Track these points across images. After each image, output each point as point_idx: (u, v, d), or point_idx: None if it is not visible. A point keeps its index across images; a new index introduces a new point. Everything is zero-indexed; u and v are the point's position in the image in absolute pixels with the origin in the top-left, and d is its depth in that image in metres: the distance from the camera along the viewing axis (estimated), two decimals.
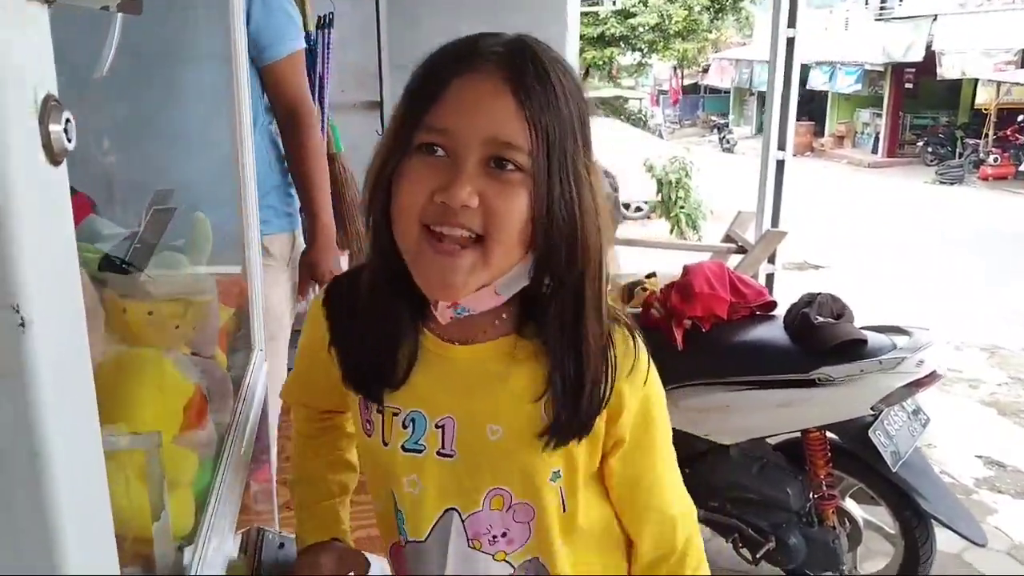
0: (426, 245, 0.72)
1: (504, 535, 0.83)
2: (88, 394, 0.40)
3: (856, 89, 20.90)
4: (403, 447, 0.82)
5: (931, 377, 2.01)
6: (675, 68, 25.92)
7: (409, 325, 0.80)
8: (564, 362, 0.76)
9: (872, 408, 2.02)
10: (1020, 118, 16.80)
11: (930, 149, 17.84)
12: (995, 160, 15.90)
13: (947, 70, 18.00)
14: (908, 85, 19.70)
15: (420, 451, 0.81)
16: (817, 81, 21.85)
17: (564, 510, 0.83)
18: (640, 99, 27.24)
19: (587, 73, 20.46)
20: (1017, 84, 15.89)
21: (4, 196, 0.33)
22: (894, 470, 2.02)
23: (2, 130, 0.33)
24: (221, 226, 1.07)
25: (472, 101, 0.71)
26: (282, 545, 0.96)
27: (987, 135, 16.74)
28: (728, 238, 3.77)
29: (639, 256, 5.34)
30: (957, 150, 17.11)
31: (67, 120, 0.36)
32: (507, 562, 0.84)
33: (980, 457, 3.50)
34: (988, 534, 2.56)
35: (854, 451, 2.10)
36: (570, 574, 0.84)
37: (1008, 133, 16.63)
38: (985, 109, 16.94)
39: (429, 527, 0.84)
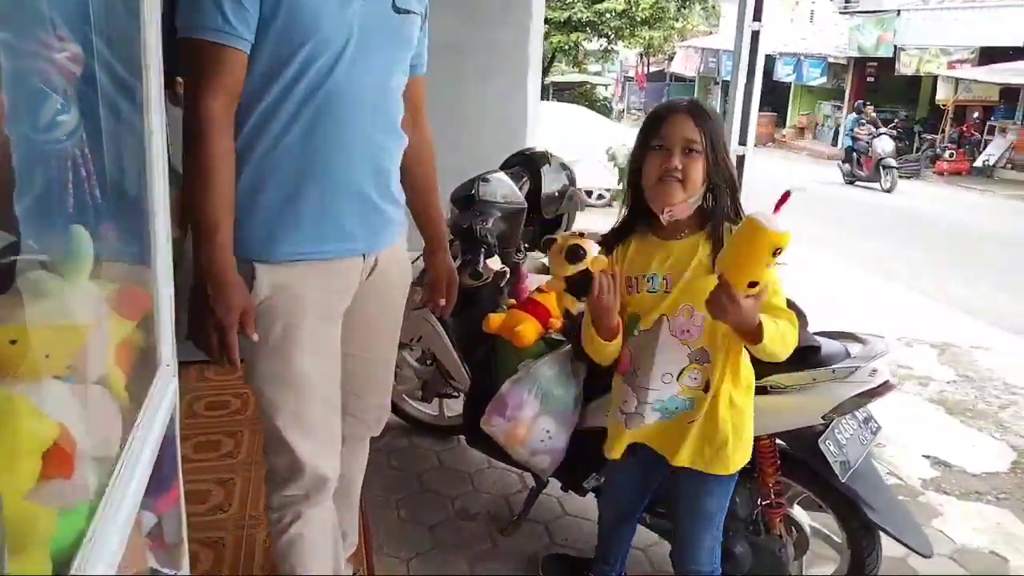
0: (659, 184, 1.61)
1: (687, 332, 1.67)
2: None
3: (821, 82, 21.08)
4: (647, 291, 1.68)
5: (884, 387, 1.97)
6: (641, 56, 25.91)
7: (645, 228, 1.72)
8: (714, 233, 1.64)
9: (823, 417, 1.99)
10: (976, 115, 17.10)
11: None
12: (951, 155, 16.18)
13: (904, 66, 18.23)
14: (870, 79, 19.91)
15: (655, 291, 1.67)
16: (782, 73, 22.00)
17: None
18: (607, 85, 27.18)
19: (553, 58, 20.28)
20: (976, 81, 16.13)
21: None
22: (843, 480, 1.99)
23: None
24: None
25: (675, 123, 1.61)
26: None
27: (944, 131, 17.02)
28: None
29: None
30: (915, 144, 17.35)
31: None
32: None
33: (927, 457, 3.51)
34: (932, 538, 2.56)
35: (803, 460, 2.06)
36: None
37: (964, 129, 16.93)
38: (944, 105, 17.20)
39: (651, 324, 1.68)
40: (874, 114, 15.66)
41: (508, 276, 2.55)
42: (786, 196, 1.44)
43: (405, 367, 3.15)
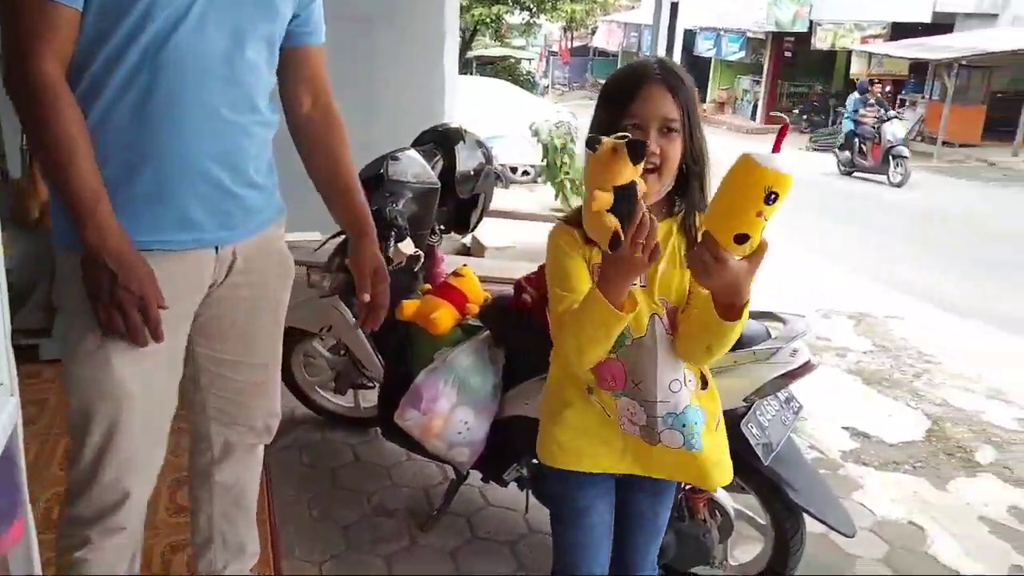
0: None
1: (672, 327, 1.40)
2: None
3: (740, 56, 21.40)
4: None
5: (805, 367, 1.94)
6: (564, 30, 25.82)
7: None
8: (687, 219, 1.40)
9: (745, 399, 1.95)
10: (888, 89, 17.63)
11: (805, 117, 18.49)
12: None
13: (820, 40, 18.67)
14: (788, 54, 20.30)
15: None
16: (703, 48, 22.26)
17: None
18: (531, 60, 27.02)
19: (475, 31, 19.97)
20: (888, 56, 16.60)
21: None
22: (766, 463, 1.95)
23: None
24: None
25: (650, 99, 1.33)
26: None
27: None
28: None
29: (512, 228, 5.20)
30: (830, 118, 17.77)
31: None
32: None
33: (846, 428, 3.56)
34: (853, 511, 2.57)
35: None
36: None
37: None
38: (857, 79, 17.64)
39: (643, 327, 1.38)
40: (879, 94, 13.23)
41: (422, 260, 2.41)
42: (784, 128, 1.24)
43: (317, 357, 3.00)
